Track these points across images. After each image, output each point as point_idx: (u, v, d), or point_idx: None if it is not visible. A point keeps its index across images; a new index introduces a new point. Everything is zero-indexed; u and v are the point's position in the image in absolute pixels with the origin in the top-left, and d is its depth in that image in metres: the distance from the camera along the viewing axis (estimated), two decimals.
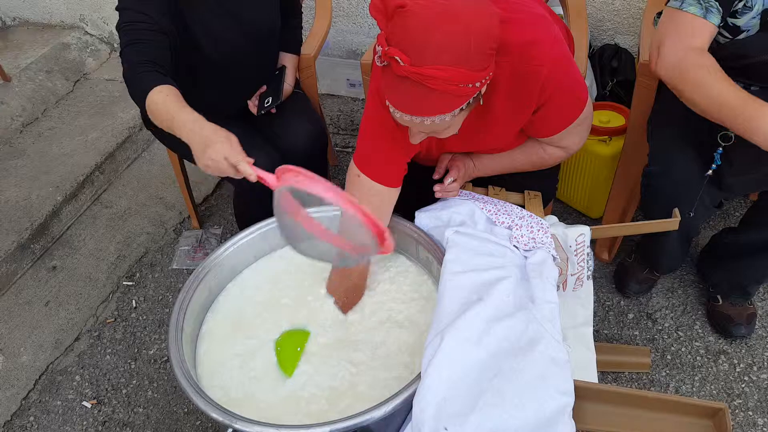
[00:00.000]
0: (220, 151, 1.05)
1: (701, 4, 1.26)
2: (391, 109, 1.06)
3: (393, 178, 1.32)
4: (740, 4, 1.26)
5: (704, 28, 1.26)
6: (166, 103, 1.20)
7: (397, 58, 0.95)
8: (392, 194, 1.33)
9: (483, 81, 1.02)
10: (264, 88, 1.75)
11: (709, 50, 1.28)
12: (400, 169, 1.33)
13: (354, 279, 1.32)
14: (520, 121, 1.26)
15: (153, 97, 1.21)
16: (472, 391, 1.00)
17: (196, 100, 1.65)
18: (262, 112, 1.70)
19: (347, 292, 1.33)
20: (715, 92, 1.20)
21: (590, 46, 2.34)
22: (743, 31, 1.29)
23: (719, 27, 1.28)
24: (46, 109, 2.80)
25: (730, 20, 1.29)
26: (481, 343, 1.05)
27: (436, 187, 1.39)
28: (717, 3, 1.25)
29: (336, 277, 1.34)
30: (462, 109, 1.05)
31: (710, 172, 1.38)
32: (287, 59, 1.79)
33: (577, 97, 1.26)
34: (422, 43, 0.95)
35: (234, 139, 1.08)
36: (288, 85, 1.75)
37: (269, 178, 1.03)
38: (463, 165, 1.45)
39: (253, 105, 1.73)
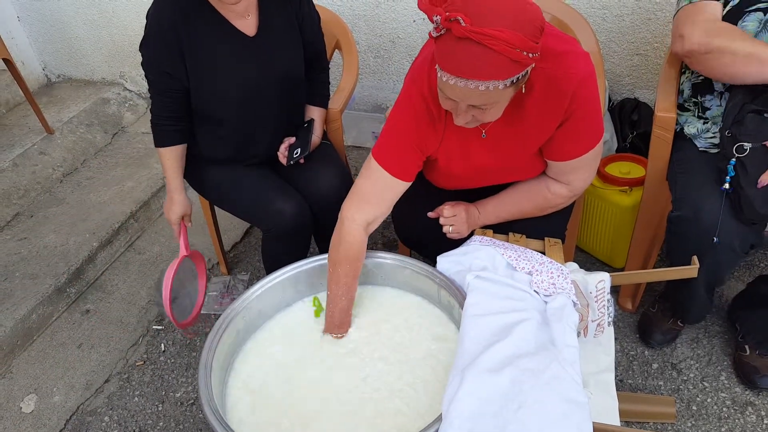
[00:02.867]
0: (174, 210, 1.77)
1: None
2: (443, 80, 1.11)
3: (404, 172, 1.40)
4: None
5: (713, 6, 1.48)
6: (170, 161, 1.73)
7: (459, 18, 1.02)
8: (400, 186, 1.42)
9: (534, 55, 1.07)
10: (293, 139, 1.83)
11: None
12: (412, 165, 1.41)
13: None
14: (546, 129, 1.31)
15: (163, 152, 1.72)
16: (496, 421, 1.02)
17: (223, 144, 1.75)
18: (291, 162, 1.78)
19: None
20: (739, 47, 1.40)
21: (610, 100, 2.40)
22: None
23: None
24: (85, 160, 2.95)
25: None
26: (503, 372, 1.07)
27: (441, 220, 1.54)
28: None
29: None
30: (513, 82, 1.09)
31: (726, 185, 1.42)
32: (315, 112, 1.88)
33: (597, 122, 1.33)
34: (483, 6, 1.03)
35: (184, 208, 1.78)
36: (316, 137, 1.83)
37: (183, 247, 1.78)
38: (465, 209, 1.50)
39: (282, 156, 1.81)
